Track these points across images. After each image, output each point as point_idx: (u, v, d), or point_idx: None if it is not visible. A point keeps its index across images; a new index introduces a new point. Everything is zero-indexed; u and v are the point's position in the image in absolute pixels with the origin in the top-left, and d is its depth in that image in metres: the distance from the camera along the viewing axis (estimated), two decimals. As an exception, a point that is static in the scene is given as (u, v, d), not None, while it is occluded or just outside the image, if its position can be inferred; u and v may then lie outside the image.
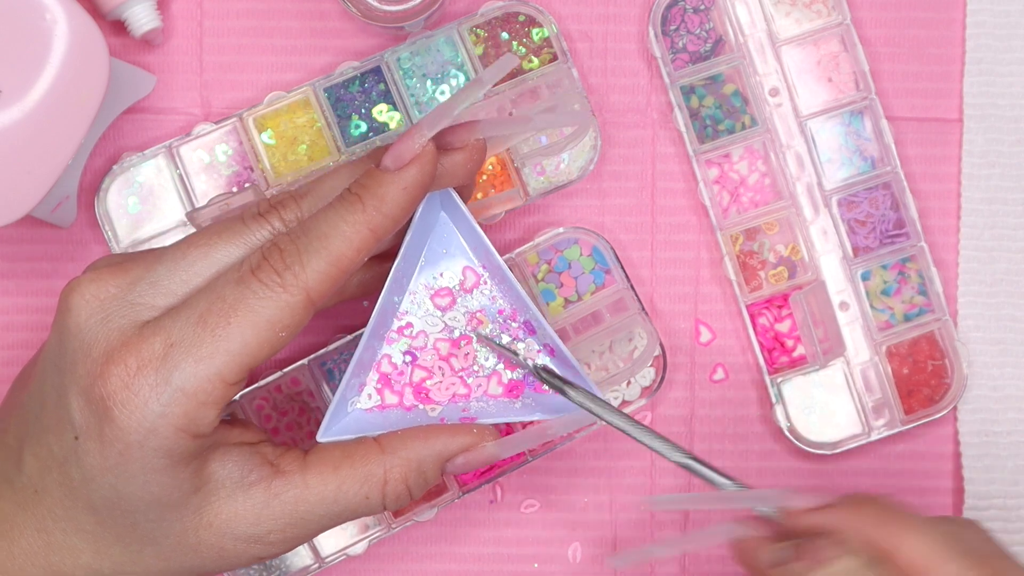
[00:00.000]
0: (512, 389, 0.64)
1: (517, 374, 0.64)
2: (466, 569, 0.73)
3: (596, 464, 0.73)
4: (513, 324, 0.64)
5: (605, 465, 0.73)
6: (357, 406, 0.63)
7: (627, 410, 0.71)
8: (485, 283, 0.64)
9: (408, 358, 0.63)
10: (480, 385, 0.64)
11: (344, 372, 0.62)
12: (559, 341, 0.63)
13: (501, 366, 0.64)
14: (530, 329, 0.64)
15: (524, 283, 0.70)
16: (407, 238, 0.61)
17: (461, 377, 0.63)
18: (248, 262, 0.57)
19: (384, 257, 0.61)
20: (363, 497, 0.59)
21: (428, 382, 0.63)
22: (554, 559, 0.73)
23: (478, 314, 0.63)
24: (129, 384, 0.55)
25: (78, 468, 0.57)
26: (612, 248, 0.71)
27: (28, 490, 0.59)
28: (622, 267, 0.71)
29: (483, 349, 0.63)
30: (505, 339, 0.63)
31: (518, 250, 0.71)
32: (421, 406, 0.63)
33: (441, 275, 0.64)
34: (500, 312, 0.64)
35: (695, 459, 0.60)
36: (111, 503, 0.57)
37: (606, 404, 0.61)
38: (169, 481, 0.57)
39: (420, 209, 0.60)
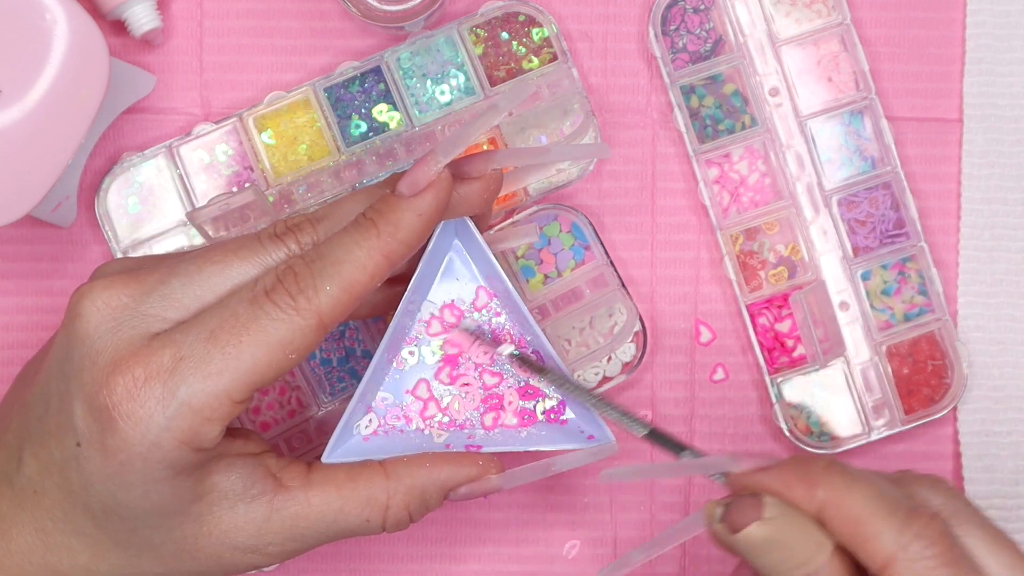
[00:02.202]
0: (519, 418, 0.64)
1: (526, 403, 0.64)
2: (467, 568, 0.73)
3: (596, 464, 0.73)
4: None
5: (605, 464, 0.73)
6: (363, 429, 0.63)
7: (608, 386, 0.71)
8: (497, 314, 0.64)
9: (415, 383, 0.63)
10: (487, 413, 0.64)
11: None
12: (568, 372, 0.63)
13: (509, 396, 0.64)
14: (539, 358, 0.64)
15: (503, 260, 0.70)
16: (420, 265, 0.61)
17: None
18: (262, 283, 0.56)
19: (396, 280, 0.61)
20: (363, 520, 0.60)
21: (435, 407, 0.63)
22: (554, 559, 0.73)
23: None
24: (135, 395, 0.55)
25: (78, 473, 0.57)
26: (591, 224, 0.71)
27: (27, 490, 0.59)
28: (601, 243, 0.71)
29: (492, 379, 0.64)
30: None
31: (497, 227, 0.71)
32: (427, 431, 0.63)
33: (452, 303, 0.64)
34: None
35: (655, 431, 0.60)
36: (110, 509, 0.57)
37: (577, 386, 0.61)
38: (169, 491, 0.57)
39: (435, 236, 0.60)
